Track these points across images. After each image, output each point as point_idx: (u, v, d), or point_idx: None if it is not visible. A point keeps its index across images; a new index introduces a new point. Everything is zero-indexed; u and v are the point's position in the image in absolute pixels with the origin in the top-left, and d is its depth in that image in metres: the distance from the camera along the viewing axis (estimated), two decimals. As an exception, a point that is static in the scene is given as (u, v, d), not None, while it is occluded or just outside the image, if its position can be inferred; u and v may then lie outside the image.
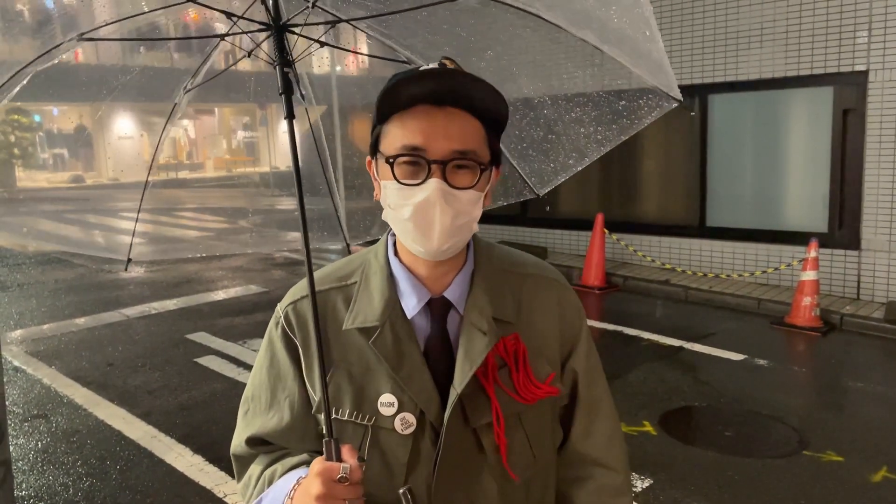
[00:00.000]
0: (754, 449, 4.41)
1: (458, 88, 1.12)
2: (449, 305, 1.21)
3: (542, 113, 1.66)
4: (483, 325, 1.18)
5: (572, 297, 1.32)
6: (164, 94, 1.84)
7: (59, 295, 8.95)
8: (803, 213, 8.08)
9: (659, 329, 6.89)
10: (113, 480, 4.16)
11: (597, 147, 1.61)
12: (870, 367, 6.02)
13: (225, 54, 1.75)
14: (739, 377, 5.63)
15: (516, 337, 1.21)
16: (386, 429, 1.18)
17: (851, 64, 7.36)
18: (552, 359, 1.26)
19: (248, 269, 10.40)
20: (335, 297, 1.24)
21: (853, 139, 7.51)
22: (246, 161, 30.70)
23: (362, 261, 1.28)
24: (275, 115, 26.81)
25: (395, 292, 1.21)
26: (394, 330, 1.18)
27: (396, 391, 1.17)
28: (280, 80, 1.29)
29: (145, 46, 1.82)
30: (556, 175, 1.70)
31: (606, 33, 1.37)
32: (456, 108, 1.13)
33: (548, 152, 1.68)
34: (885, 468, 4.12)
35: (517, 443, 1.21)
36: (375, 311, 1.19)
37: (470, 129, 1.14)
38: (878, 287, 7.41)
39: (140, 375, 5.89)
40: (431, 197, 1.10)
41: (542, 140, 1.68)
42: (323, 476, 1.02)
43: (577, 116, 1.62)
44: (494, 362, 1.18)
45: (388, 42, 1.71)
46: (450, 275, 1.22)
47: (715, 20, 8.29)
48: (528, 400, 1.20)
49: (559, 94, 1.65)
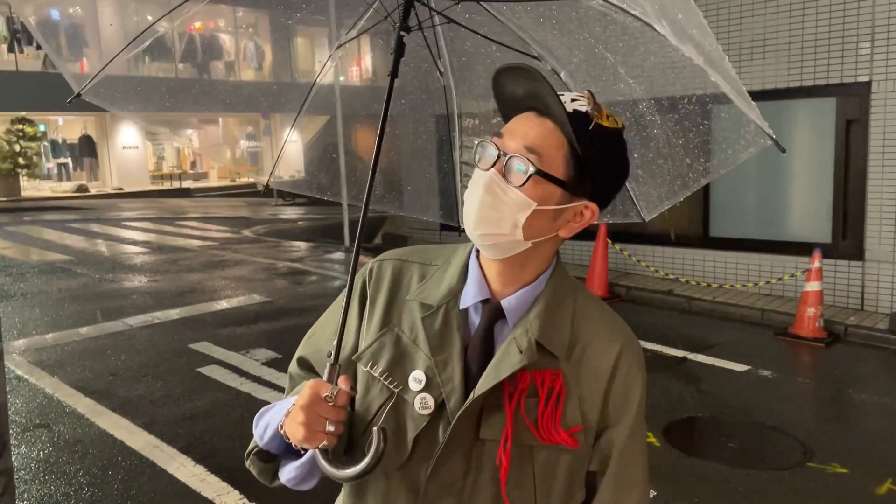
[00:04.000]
0: (758, 461, 4.39)
1: (561, 114, 1.14)
2: (501, 312, 1.23)
3: (651, 133, 1.66)
4: (523, 344, 1.17)
5: (634, 365, 1.24)
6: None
7: (62, 304, 8.96)
8: (807, 224, 8.07)
9: (662, 340, 6.87)
10: (115, 490, 4.15)
11: (697, 178, 1.65)
12: (874, 378, 6.00)
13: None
14: (743, 388, 5.60)
15: (558, 373, 1.18)
16: (408, 402, 1.21)
17: (854, 75, 7.37)
18: (587, 414, 1.21)
19: (251, 279, 10.40)
20: (414, 272, 1.31)
21: (856, 150, 7.51)
22: (249, 171, 30.76)
23: (452, 250, 1.34)
24: (278, 125, 26.91)
25: (462, 284, 1.26)
26: (446, 316, 1.23)
27: (429, 372, 1.21)
28: (395, 42, 1.48)
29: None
30: (662, 201, 1.73)
31: (710, 59, 1.37)
32: (553, 122, 1.16)
33: (655, 176, 1.69)
34: (889, 480, 4.09)
35: (521, 476, 1.19)
36: (439, 293, 1.26)
37: (551, 140, 1.15)
38: (882, 298, 7.39)
39: (143, 385, 5.89)
40: (478, 180, 1.18)
41: (651, 163, 1.68)
42: (312, 389, 1.15)
43: (682, 142, 1.65)
44: (527, 388, 1.17)
45: (521, 34, 1.75)
46: (513, 285, 1.23)
47: (717, 31, 8.31)
48: (543, 438, 1.17)
49: (669, 117, 1.67)
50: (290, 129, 2.29)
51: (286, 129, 2.35)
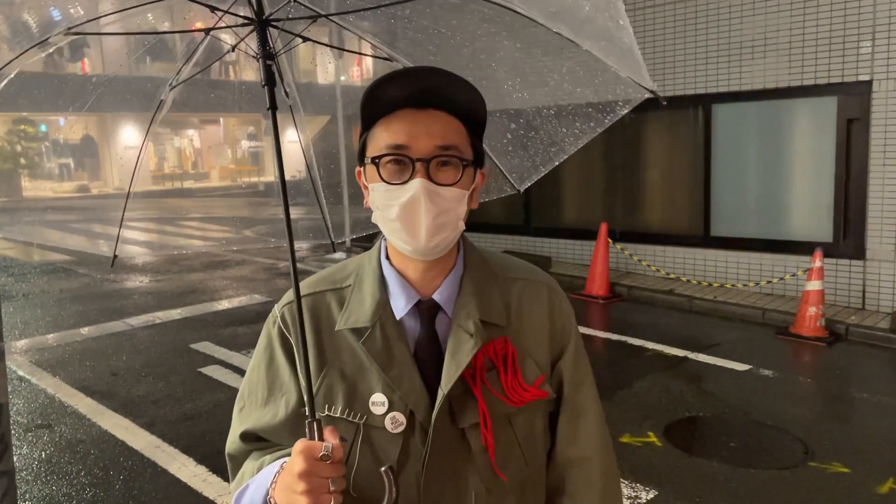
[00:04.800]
0: (759, 460, 4.39)
1: (438, 89, 1.16)
2: (437, 307, 1.24)
3: (520, 108, 1.68)
4: (470, 328, 1.20)
5: (563, 301, 1.33)
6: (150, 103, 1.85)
7: (63, 304, 8.97)
8: (808, 223, 8.06)
9: (663, 339, 6.87)
10: (116, 491, 4.16)
11: (574, 141, 1.63)
12: (875, 378, 5.99)
13: (209, 53, 1.76)
14: (744, 387, 5.60)
15: (505, 340, 1.23)
16: (377, 427, 1.20)
17: (855, 74, 7.36)
18: (542, 362, 1.27)
19: (251, 279, 10.41)
20: (329, 299, 1.28)
21: (857, 149, 7.50)
22: (251, 171, 30.78)
23: (357, 265, 1.31)
24: (279, 124, 26.84)
25: (386, 294, 1.24)
26: (384, 331, 1.21)
27: (387, 391, 1.20)
28: (263, 72, 1.33)
29: (140, 57, 1.84)
30: (537, 170, 1.72)
31: (579, 25, 1.38)
32: (439, 110, 1.17)
33: (527, 148, 1.70)
34: (891, 480, 4.09)
35: (506, 445, 1.23)
36: (366, 312, 1.23)
37: (452, 128, 1.17)
38: (883, 297, 7.38)
39: (144, 385, 5.89)
40: (416, 195, 1.13)
41: (520, 135, 1.70)
42: (305, 454, 1.04)
43: (554, 112, 1.64)
44: (483, 364, 1.20)
45: (370, 39, 1.72)
46: (439, 278, 1.25)
47: (718, 30, 8.31)
48: (515, 402, 1.22)
49: (536, 91, 1.67)
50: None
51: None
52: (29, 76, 1.70)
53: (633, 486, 4.06)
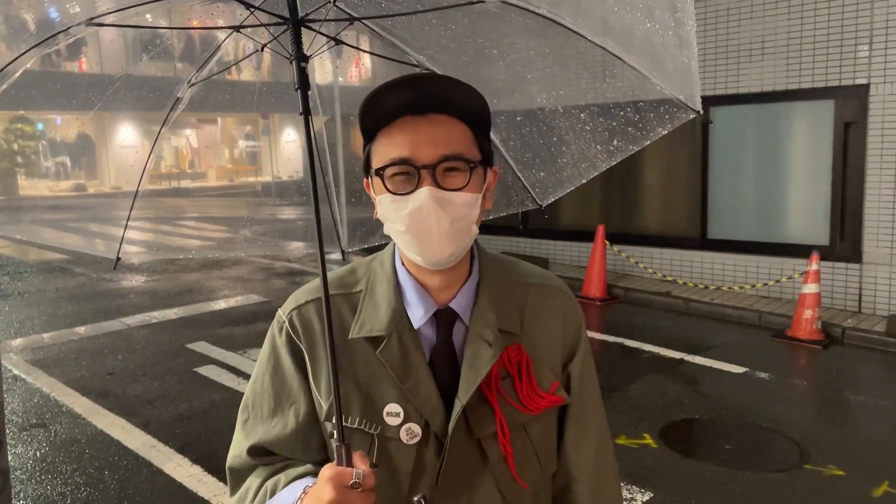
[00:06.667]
0: (755, 462, 4.39)
1: (436, 94, 1.13)
2: (455, 316, 1.21)
3: (552, 122, 1.62)
4: (488, 337, 1.18)
5: (575, 306, 1.33)
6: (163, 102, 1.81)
7: (59, 303, 8.95)
8: (805, 226, 8.07)
9: (660, 341, 6.88)
10: (111, 490, 4.15)
11: (607, 158, 1.57)
12: (871, 381, 6.00)
13: (233, 49, 1.73)
14: (740, 390, 5.61)
15: (519, 347, 1.21)
16: (392, 438, 1.17)
17: (853, 77, 7.38)
18: (555, 368, 1.25)
19: (248, 279, 10.40)
20: (340, 304, 1.23)
21: (854, 152, 7.52)
22: (248, 170, 30.76)
23: (367, 269, 1.27)
24: (277, 124, 26.86)
25: (402, 302, 1.21)
26: (401, 340, 1.18)
27: (402, 401, 1.17)
28: (297, 75, 1.28)
29: (148, 55, 1.80)
30: (563, 186, 1.66)
31: (629, 40, 1.33)
32: (439, 114, 1.13)
33: (555, 162, 1.65)
34: (886, 483, 4.10)
35: (524, 453, 1.21)
36: (382, 320, 1.19)
37: (456, 133, 1.14)
38: (879, 300, 7.39)
39: (140, 385, 5.88)
40: (425, 204, 1.10)
41: (550, 149, 1.64)
42: (335, 481, 0.99)
43: (589, 128, 1.59)
44: (498, 373, 1.18)
45: (402, 46, 1.68)
46: (455, 286, 1.22)
47: (716, 33, 8.32)
48: (532, 410, 1.20)
49: (571, 104, 1.61)
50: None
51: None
52: (35, 74, 1.67)
53: (629, 488, 4.06)
